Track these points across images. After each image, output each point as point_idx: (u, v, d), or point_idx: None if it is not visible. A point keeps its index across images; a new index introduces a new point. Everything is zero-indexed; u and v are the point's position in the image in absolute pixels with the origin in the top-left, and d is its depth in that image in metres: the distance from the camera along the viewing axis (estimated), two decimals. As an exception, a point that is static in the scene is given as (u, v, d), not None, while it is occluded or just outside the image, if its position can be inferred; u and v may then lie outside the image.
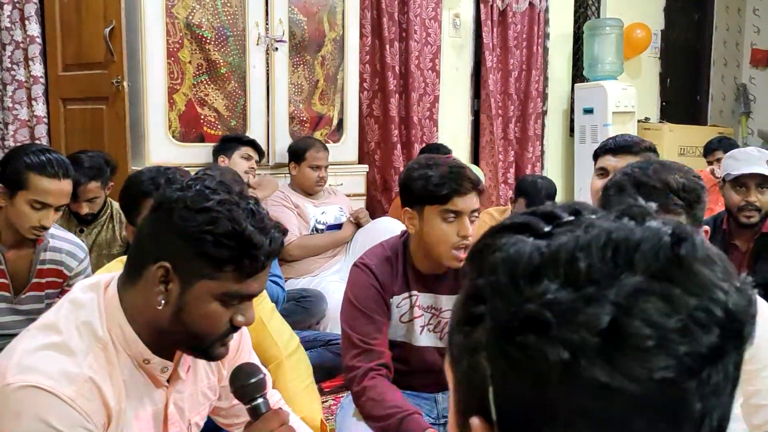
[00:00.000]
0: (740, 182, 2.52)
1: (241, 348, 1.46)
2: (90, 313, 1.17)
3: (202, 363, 1.36)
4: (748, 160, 2.53)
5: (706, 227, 1.52)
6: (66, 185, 2.12)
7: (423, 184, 1.80)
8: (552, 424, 0.48)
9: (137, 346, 1.19)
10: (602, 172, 2.31)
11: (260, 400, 1.29)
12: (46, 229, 2.13)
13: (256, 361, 1.48)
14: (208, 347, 1.20)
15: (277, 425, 1.26)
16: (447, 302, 1.93)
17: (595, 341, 0.46)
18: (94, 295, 1.19)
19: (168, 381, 1.27)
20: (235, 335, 1.41)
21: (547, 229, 0.52)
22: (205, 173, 1.19)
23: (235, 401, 1.39)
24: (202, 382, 1.36)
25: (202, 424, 1.40)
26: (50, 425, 1.07)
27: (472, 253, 0.55)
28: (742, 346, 0.48)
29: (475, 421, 0.52)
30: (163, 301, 1.15)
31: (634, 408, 0.46)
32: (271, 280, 2.89)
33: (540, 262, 0.49)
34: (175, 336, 1.19)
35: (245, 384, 1.29)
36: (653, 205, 0.53)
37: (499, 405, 0.50)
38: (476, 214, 1.84)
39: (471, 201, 1.81)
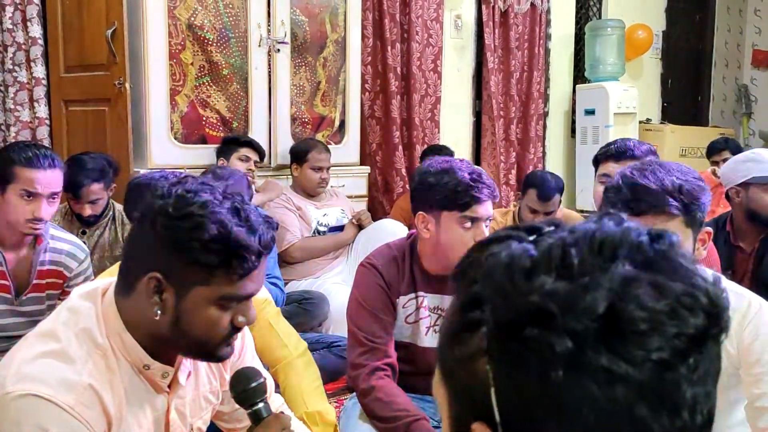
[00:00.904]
0: None
1: (244, 352, 1.44)
2: (88, 320, 1.16)
3: (203, 367, 1.35)
4: None
5: (709, 229, 1.51)
6: (52, 174, 2.13)
7: (442, 190, 1.80)
8: (558, 417, 0.49)
9: (137, 353, 1.18)
10: (605, 178, 2.30)
11: (261, 405, 1.27)
12: (40, 221, 2.12)
13: (258, 365, 1.47)
14: (213, 350, 1.19)
15: (279, 430, 1.25)
16: None
17: (594, 327, 0.48)
18: (91, 303, 1.18)
19: (169, 386, 1.26)
20: (238, 338, 1.40)
21: (531, 238, 0.55)
22: (186, 175, 1.16)
23: (237, 405, 1.38)
24: (204, 387, 1.35)
25: (204, 428, 1.39)
26: None
27: (460, 269, 0.57)
28: (721, 334, 0.51)
29: (478, 427, 0.52)
30: (159, 312, 1.13)
31: (636, 394, 0.48)
32: (270, 282, 2.88)
33: (533, 261, 0.52)
34: (178, 343, 1.18)
35: (246, 388, 1.27)
36: (625, 215, 0.56)
37: (502, 405, 0.51)
38: (489, 219, 1.85)
39: (488, 207, 1.82)
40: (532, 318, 0.49)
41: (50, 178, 2.12)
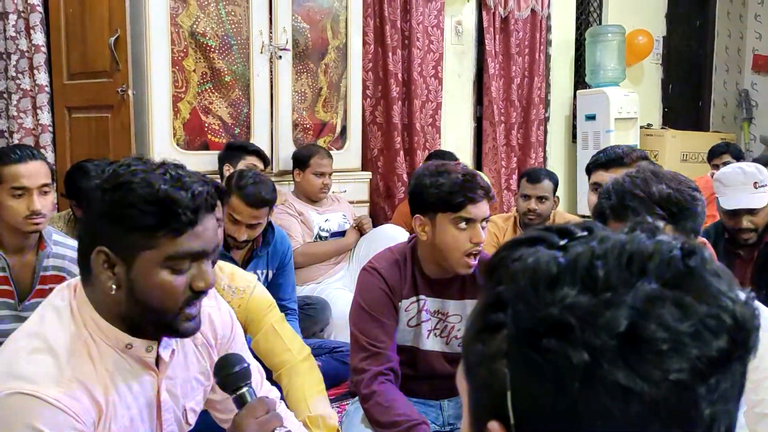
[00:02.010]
0: (729, 211, 2.51)
1: (233, 338, 1.46)
2: (66, 314, 1.20)
3: (191, 348, 1.36)
4: (734, 186, 2.50)
5: (703, 239, 1.51)
6: (35, 166, 2.15)
7: (435, 192, 1.81)
8: (571, 427, 0.49)
9: (114, 333, 1.20)
10: (596, 187, 2.30)
11: (245, 389, 1.27)
12: (38, 214, 2.14)
13: (248, 356, 1.47)
14: (173, 321, 1.19)
15: (263, 412, 1.25)
16: (454, 307, 1.94)
17: (613, 344, 0.48)
18: (66, 295, 1.22)
19: (157, 367, 1.27)
20: (226, 322, 1.43)
21: (562, 243, 0.54)
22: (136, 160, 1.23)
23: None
24: (193, 367, 1.37)
25: (198, 409, 1.40)
26: (39, 430, 1.08)
27: (489, 267, 0.57)
28: (747, 355, 0.51)
29: (494, 425, 0.53)
30: (114, 286, 1.16)
31: (651, 411, 0.48)
32: (288, 314, 2.86)
33: (558, 271, 0.51)
34: (140, 317, 1.19)
35: (229, 373, 1.28)
36: (661, 224, 0.56)
37: (517, 409, 0.52)
38: (486, 221, 1.85)
39: (483, 208, 1.82)
40: (551, 329, 0.49)
41: (33, 170, 2.15)
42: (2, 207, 2.14)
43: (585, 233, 0.55)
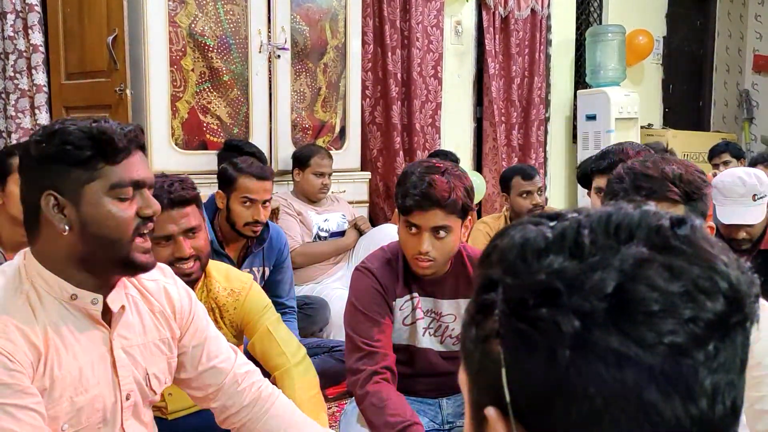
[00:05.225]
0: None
1: (194, 315, 1.47)
2: (12, 273, 1.24)
3: (147, 313, 1.38)
4: (732, 198, 2.43)
5: (711, 224, 1.52)
6: None
7: (396, 191, 1.83)
8: (565, 398, 0.48)
9: (59, 284, 1.23)
10: (600, 191, 2.27)
11: None
12: None
13: (213, 332, 1.50)
14: (128, 252, 1.23)
15: None
16: (447, 307, 1.93)
17: (603, 307, 0.47)
18: (17, 260, 1.27)
19: (109, 324, 1.30)
20: (183, 298, 1.45)
21: (551, 224, 0.54)
22: None
23: (201, 367, 1.44)
24: (151, 333, 1.39)
25: (163, 378, 1.42)
26: None
27: (482, 256, 0.57)
28: (747, 323, 0.49)
29: (490, 411, 0.52)
30: (66, 227, 1.20)
31: (646, 377, 0.46)
32: (286, 312, 2.86)
33: (546, 242, 0.51)
34: (95, 254, 1.23)
35: None
36: (652, 203, 0.55)
37: (512, 386, 0.50)
38: (442, 231, 1.78)
39: (432, 218, 1.77)
40: (539, 297, 0.49)
41: None
42: (9, 198, 2.14)
43: (575, 214, 0.54)
